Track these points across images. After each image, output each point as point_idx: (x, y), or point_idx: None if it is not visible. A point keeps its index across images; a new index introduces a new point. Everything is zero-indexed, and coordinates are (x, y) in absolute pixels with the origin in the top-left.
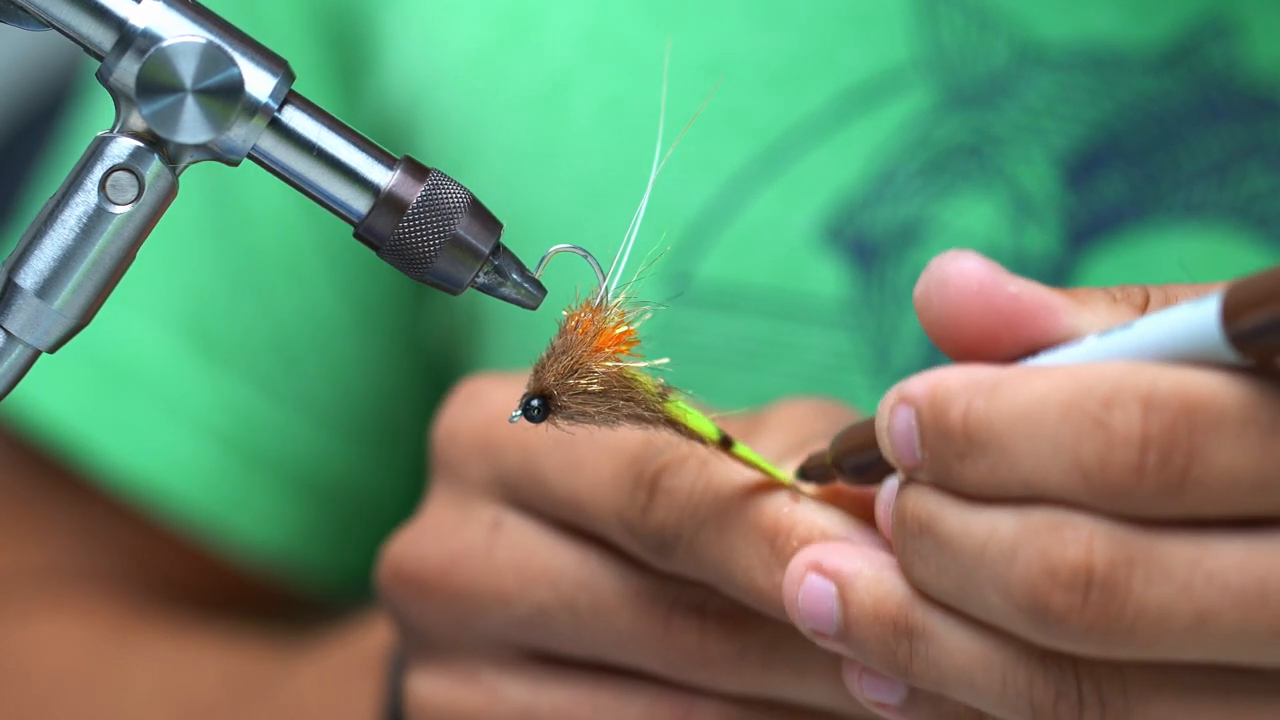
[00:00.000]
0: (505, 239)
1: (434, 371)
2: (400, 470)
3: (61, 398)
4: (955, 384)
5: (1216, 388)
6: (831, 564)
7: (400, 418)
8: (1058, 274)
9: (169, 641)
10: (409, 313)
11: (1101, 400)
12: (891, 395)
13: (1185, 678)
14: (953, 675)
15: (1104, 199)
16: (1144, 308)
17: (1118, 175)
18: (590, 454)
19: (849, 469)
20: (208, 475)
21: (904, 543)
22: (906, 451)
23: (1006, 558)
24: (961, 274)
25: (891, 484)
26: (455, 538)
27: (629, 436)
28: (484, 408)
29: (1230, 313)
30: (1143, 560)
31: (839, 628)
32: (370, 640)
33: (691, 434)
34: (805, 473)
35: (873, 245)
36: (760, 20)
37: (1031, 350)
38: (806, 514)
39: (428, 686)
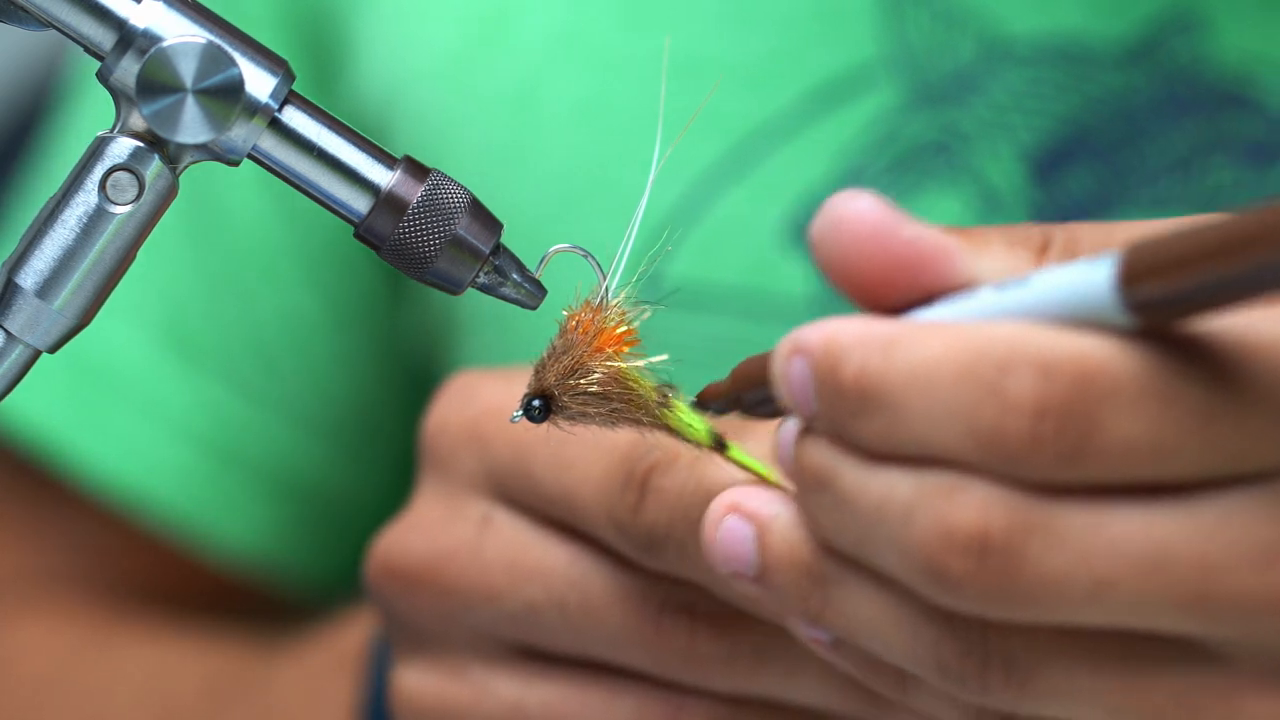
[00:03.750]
0: None
1: (411, 373)
2: (378, 472)
3: (39, 401)
4: (849, 339)
5: (1113, 354)
6: (750, 506)
7: (378, 419)
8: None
9: (150, 643)
10: (386, 314)
11: (997, 365)
12: (786, 343)
13: (1087, 641)
14: (863, 627)
15: (1071, 194)
16: (1043, 252)
17: (1085, 170)
18: (581, 451)
19: (748, 403)
20: (186, 478)
21: (804, 494)
22: (803, 401)
23: (903, 519)
24: (857, 215)
25: (790, 425)
26: (444, 533)
27: (620, 435)
28: (475, 402)
29: (1128, 278)
30: (1040, 527)
31: (756, 570)
32: (348, 639)
33: (687, 436)
34: (704, 403)
35: None
36: (729, 20)
37: (928, 296)
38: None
39: (416, 681)
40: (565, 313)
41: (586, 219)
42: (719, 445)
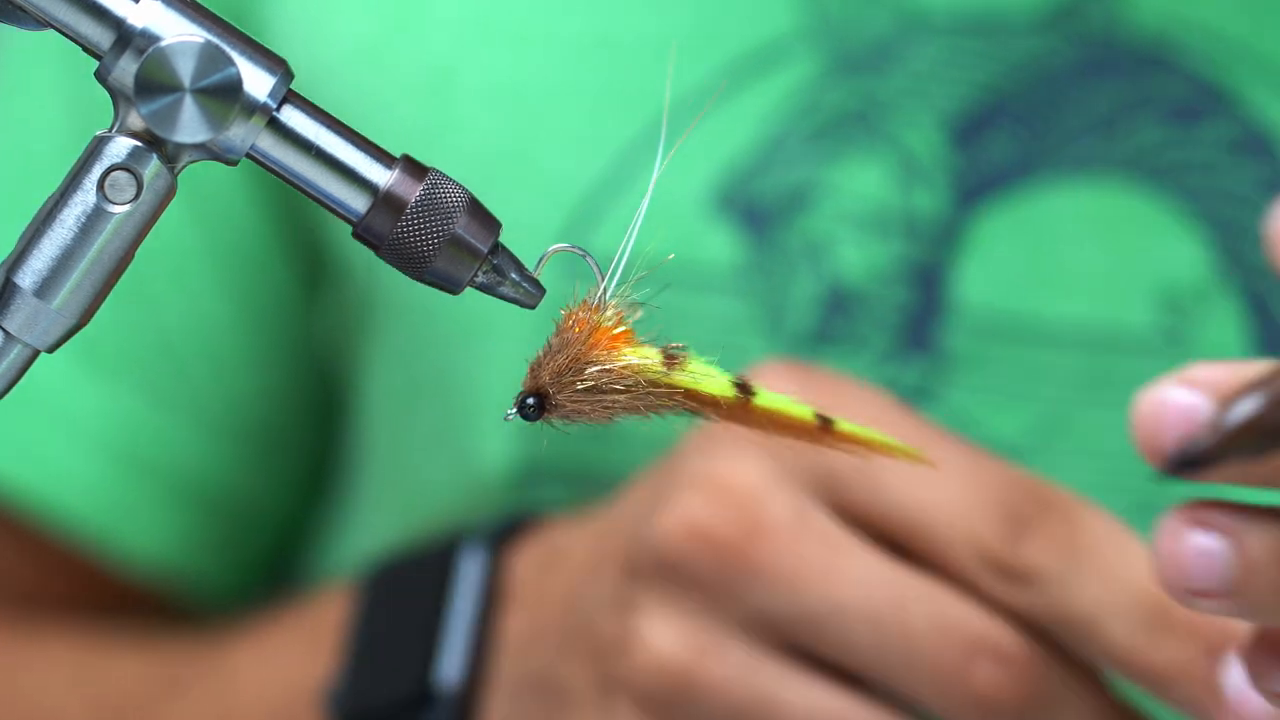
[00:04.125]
0: None
1: (324, 376)
2: (291, 478)
3: None
4: None
5: None
6: (1218, 520)
7: (290, 424)
8: (948, 232)
9: (78, 645)
10: (298, 317)
11: None
12: None
13: None
14: None
15: (991, 158)
16: None
17: (1004, 134)
18: (945, 468)
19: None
20: (94, 486)
21: None
22: None
23: None
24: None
25: None
26: (762, 509)
27: (990, 459)
28: (804, 384)
29: None
30: None
31: (1228, 582)
32: (320, 616)
33: (706, 400)
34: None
35: (764, 211)
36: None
37: None
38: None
39: (664, 638)
40: (563, 311)
41: (508, 200)
42: (746, 392)
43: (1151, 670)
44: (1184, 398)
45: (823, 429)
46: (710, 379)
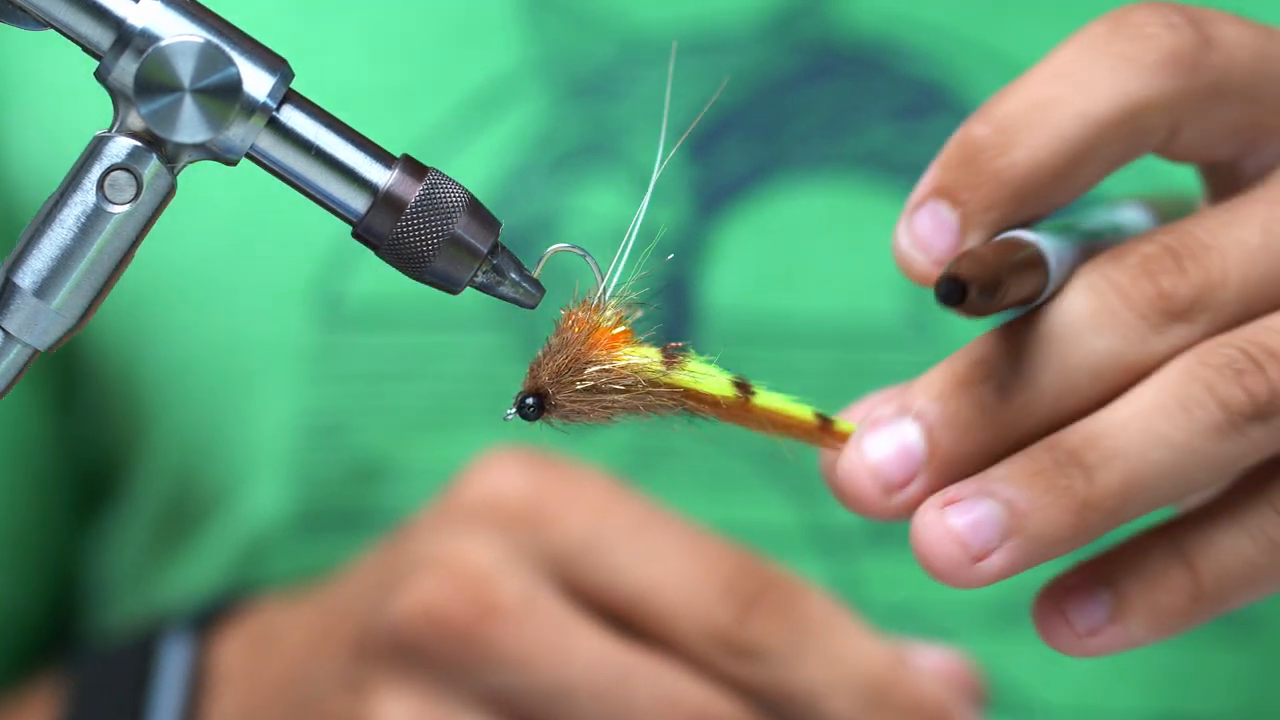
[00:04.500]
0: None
1: (81, 482)
2: (45, 588)
3: None
4: None
5: None
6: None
7: (47, 533)
8: (690, 243)
9: None
10: (50, 428)
11: None
12: None
13: None
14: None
15: (727, 167)
16: None
17: (737, 144)
18: (670, 550)
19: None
20: None
21: None
22: None
23: None
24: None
25: None
26: (493, 590)
27: (716, 539)
28: (539, 477)
29: None
30: None
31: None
32: (30, 712)
33: (706, 399)
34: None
35: (508, 241)
36: (370, 48)
37: None
38: (915, 680)
39: (402, 715)
40: (563, 311)
41: (256, 254)
42: (745, 390)
43: None
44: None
45: (822, 428)
46: (709, 378)
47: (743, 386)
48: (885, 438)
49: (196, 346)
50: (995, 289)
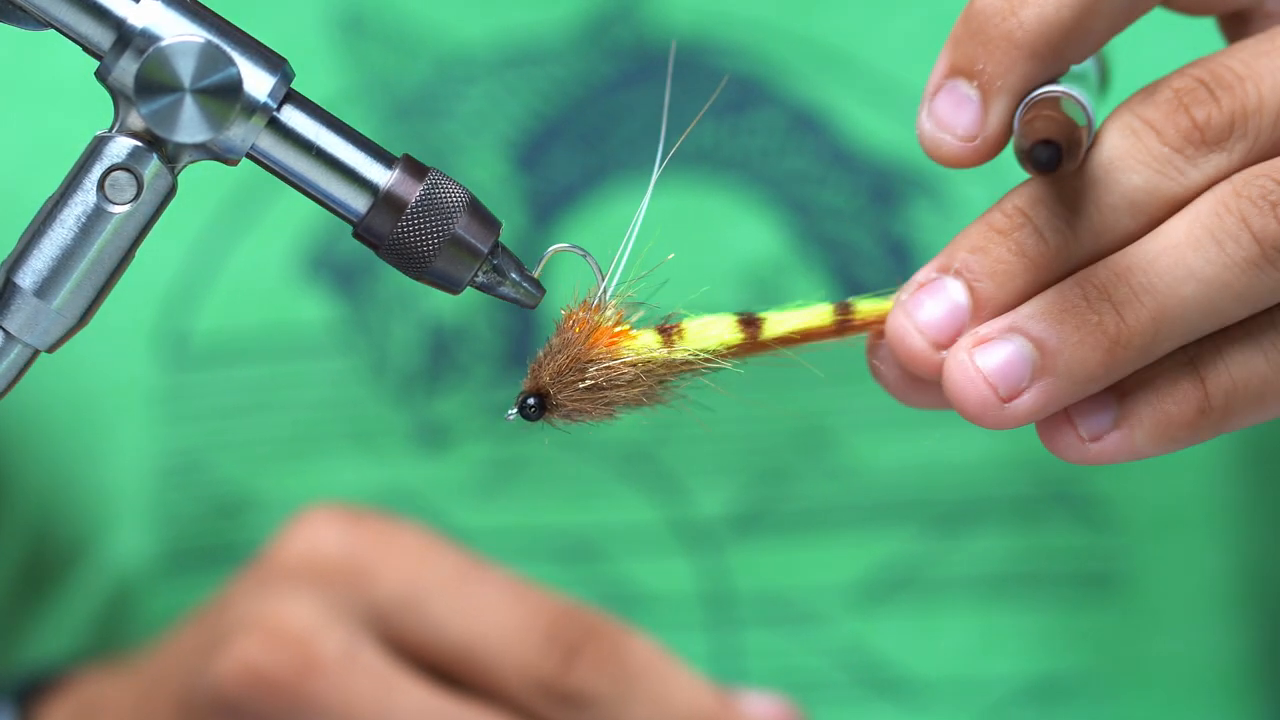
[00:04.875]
0: None
1: None
2: None
3: None
4: None
5: None
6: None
7: None
8: (528, 249)
9: None
10: None
11: None
12: None
13: None
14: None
15: (557, 176)
16: None
17: (565, 151)
18: (492, 599)
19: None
20: None
21: None
22: None
23: None
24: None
25: None
26: (313, 646)
27: (540, 591)
28: (358, 532)
29: None
30: None
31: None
32: None
33: (717, 344)
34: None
35: (352, 268)
36: None
37: None
38: (742, 713)
39: None
40: (563, 311)
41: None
42: (752, 325)
43: None
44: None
45: (843, 322)
46: (710, 333)
47: (748, 322)
48: (930, 296)
49: (44, 396)
50: (1079, 145)
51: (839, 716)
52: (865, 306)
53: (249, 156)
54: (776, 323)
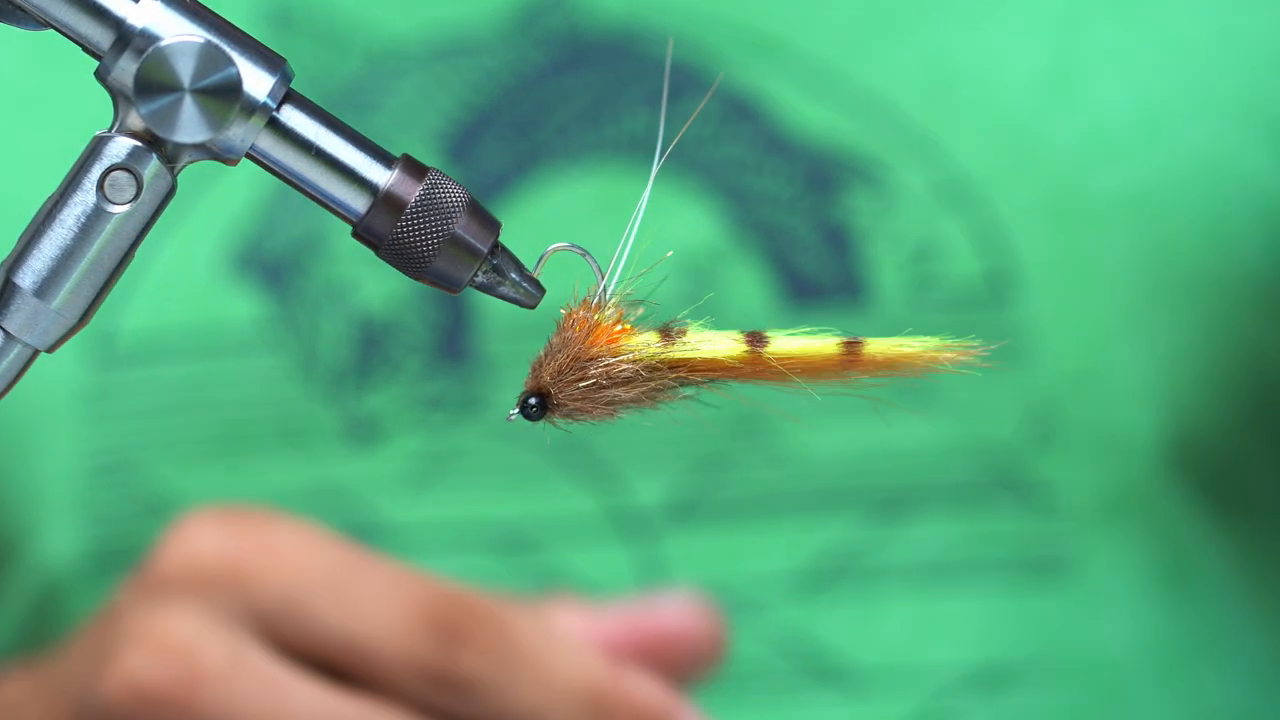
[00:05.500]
0: None
1: None
2: None
3: None
4: None
5: None
6: None
7: None
8: None
9: None
10: None
11: None
12: None
13: None
14: None
15: (488, 165)
16: None
17: (495, 141)
18: (373, 593)
19: None
20: None
21: None
22: None
23: None
24: None
25: None
26: (193, 657)
27: (420, 579)
28: (235, 536)
29: None
30: None
31: None
32: None
33: (716, 365)
34: None
35: (280, 265)
36: None
37: None
38: (633, 686)
39: None
40: (563, 310)
41: None
42: (758, 342)
43: None
44: None
45: (851, 357)
46: (714, 342)
47: (755, 338)
48: None
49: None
50: None
51: (781, 705)
52: (876, 346)
53: (248, 156)
54: (784, 344)
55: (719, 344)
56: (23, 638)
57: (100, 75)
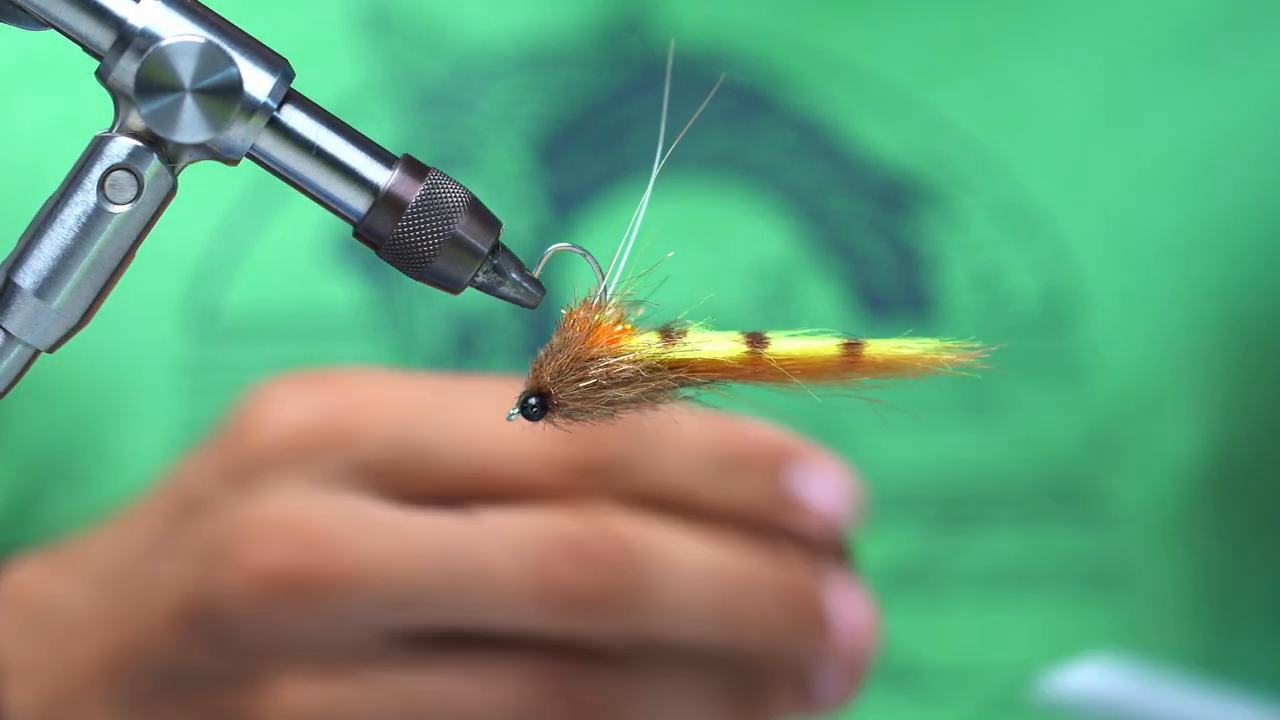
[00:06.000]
0: None
1: None
2: None
3: None
4: None
5: None
6: None
7: None
8: (550, 244)
9: None
10: None
11: None
12: None
13: None
14: None
15: (575, 175)
16: None
17: (583, 151)
18: (481, 409)
19: None
20: None
21: None
22: None
23: None
24: None
25: None
26: (310, 529)
27: (515, 382)
28: (323, 397)
29: None
30: None
31: None
32: None
33: (715, 366)
34: None
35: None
36: None
37: None
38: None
39: (296, 691)
40: (564, 310)
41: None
42: (758, 343)
43: (733, 507)
44: None
45: (851, 358)
46: (714, 343)
47: (756, 339)
48: None
49: (56, 361)
50: None
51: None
52: (876, 347)
53: (249, 156)
54: (783, 345)
55: (719, 344)
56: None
57: (101, 75)
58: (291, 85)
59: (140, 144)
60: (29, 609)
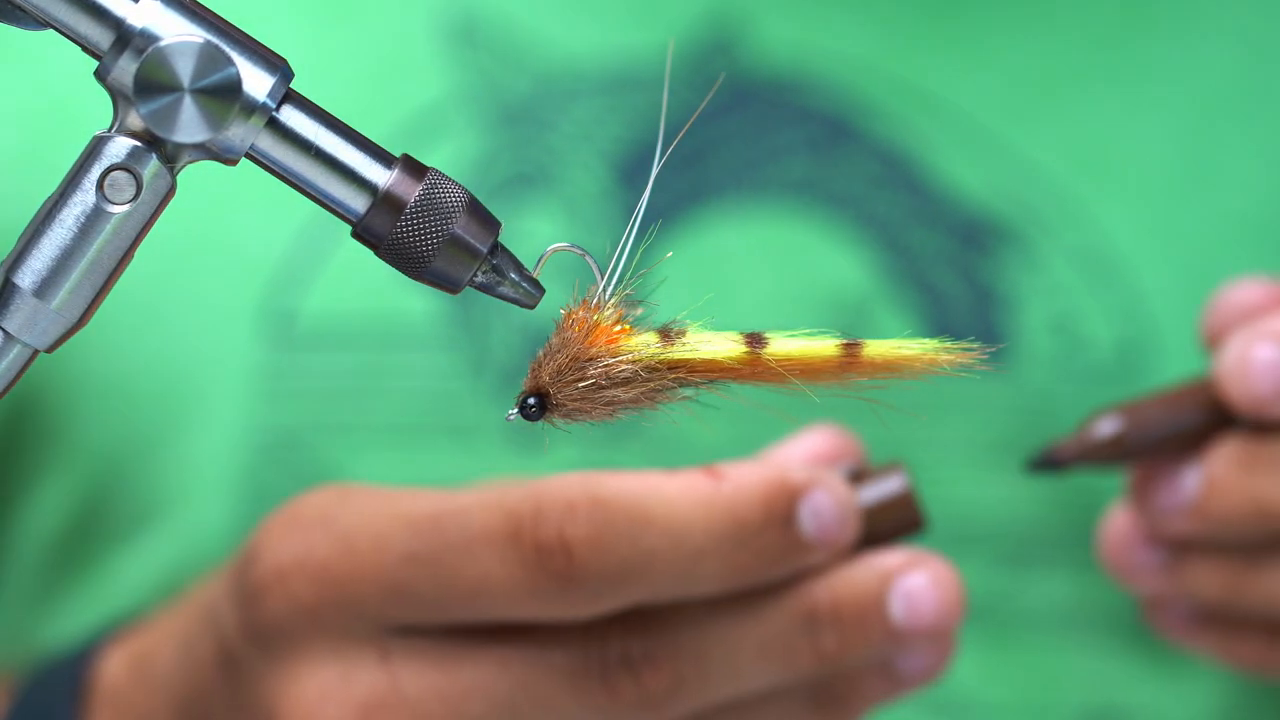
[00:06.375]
0: None
1: None
2: None
3: None
4: None
5: None
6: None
7: None
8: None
9: None
10: None
11: None
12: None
13: None
14: None
15: (655, 196)
16: None
17: (664, 172)
18: (446, 546)
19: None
20: None
21: None
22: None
23: None
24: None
25: None
26: (358, 696)
27: (504, 494)
28: (309, 547)
29: None
30: None
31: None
32: None
33: (714, 367)
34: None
35: None
36: (298, 81)
37: None
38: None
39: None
40: (563, 310)
41: (200, 282)
42: (757, 344)
43: None
44: None
45: (850, 359)
46: (713, 343)
47: (755, 339)
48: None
49: (128, 363)
50: None
51: None
52: (875, 348)
53: (248, 156)
54: (782, 345)
55: (718, 345)
56: (159, 602)
57: (100, 75)
58: (290, 85)
59: (139, 144)
60: (135, 654)
